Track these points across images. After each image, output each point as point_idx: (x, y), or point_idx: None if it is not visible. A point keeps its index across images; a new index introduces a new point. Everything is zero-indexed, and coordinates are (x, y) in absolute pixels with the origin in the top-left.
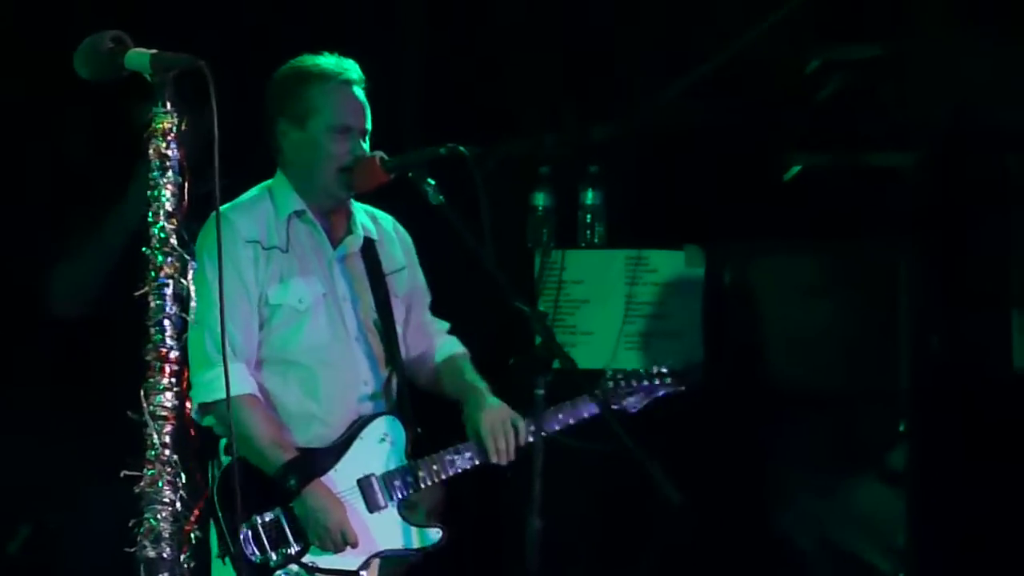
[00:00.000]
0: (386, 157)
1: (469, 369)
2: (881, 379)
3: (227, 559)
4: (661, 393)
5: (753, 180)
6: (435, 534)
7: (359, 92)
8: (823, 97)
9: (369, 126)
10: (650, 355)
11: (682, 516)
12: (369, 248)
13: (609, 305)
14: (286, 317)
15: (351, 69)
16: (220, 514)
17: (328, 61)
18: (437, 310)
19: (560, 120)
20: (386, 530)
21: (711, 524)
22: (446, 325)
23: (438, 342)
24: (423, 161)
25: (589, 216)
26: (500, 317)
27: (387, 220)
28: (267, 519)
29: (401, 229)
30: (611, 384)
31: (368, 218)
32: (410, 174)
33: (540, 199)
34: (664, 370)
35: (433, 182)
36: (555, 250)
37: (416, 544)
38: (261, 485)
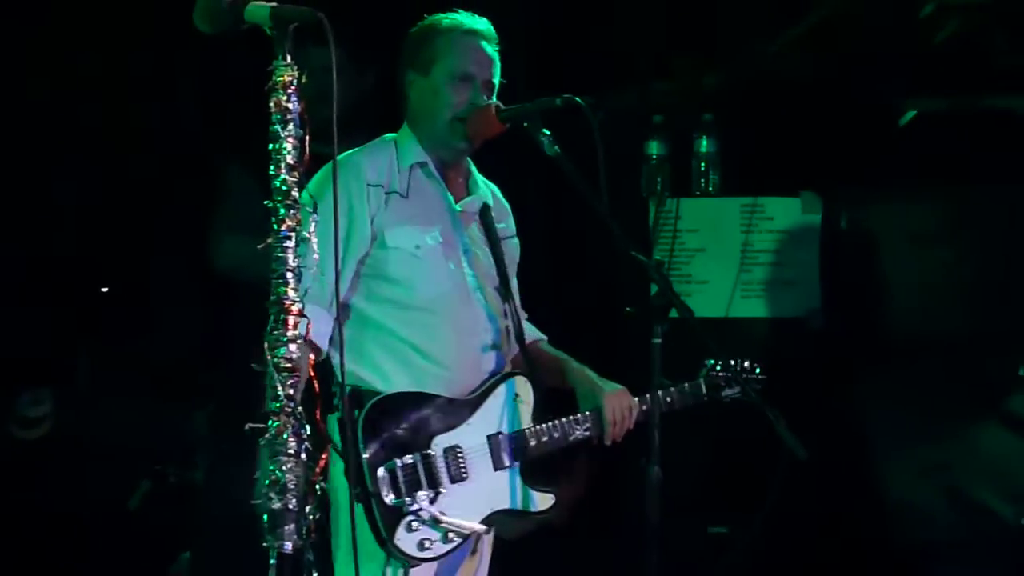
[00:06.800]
0: (502, 106)
1: (563, 353)
2: (999, 324)
3: (360, 500)
4: (757, 387)
5: (869, 125)
6: (547, 500)
7: (486, 46)
8: (938, 41)
9: (496, 80)
10: (767, 303)
11: (799, 467)
12: (486, 213)
13: (725, 253)
14: (403, 261)
15: (481, 23)
16: (362, 454)
17: (460, 16)
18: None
19: (671, 69)
20: (506, 489)
21: (827, 475)
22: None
23: (525, 323)
24: (538, 111)
25: (703, 164)
26: (615, 267)
27: (495, 188)
28: (406, 463)
29: (504, 200)
30: (711, 376)
31: (483, 184)
32: (525, 124)
33: (654, 148)
34: (757, 369)
35: (548, 132)
36: (670, 199)
37: (530, 507)
38: (402, 428)
